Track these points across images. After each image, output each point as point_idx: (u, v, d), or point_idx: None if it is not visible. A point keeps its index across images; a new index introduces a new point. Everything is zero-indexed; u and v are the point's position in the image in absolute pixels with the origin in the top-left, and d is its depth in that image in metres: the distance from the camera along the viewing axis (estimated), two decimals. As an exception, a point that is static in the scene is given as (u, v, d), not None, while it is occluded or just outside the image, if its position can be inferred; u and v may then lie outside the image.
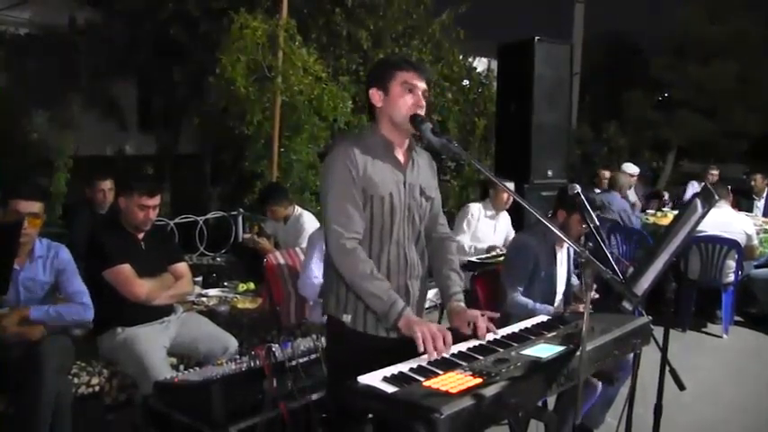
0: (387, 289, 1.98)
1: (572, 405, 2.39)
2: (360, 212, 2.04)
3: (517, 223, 5.40)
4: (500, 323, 2.20)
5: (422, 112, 2.07)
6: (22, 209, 2.84)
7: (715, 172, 7.74)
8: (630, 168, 7.89)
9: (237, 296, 4.37)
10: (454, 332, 2.00)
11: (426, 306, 2.44)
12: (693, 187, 7.93)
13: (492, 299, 3.65)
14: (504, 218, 5.22)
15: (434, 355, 1.85)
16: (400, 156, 2.15)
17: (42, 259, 3.00)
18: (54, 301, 3.02)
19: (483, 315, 2.07)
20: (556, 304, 3.31)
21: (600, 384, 2.95)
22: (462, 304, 2.17)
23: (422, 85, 2.09)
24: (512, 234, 5.26)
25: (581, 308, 3.05)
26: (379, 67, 2.21)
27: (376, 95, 2.10)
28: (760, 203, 7.07)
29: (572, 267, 3.47)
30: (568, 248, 3.40)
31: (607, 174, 7.45)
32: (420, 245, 2.23)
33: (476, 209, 5.03)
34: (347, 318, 2.11)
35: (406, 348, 1.95)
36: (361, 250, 2.03)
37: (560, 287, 3.36)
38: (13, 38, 9.06)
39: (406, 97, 2.06)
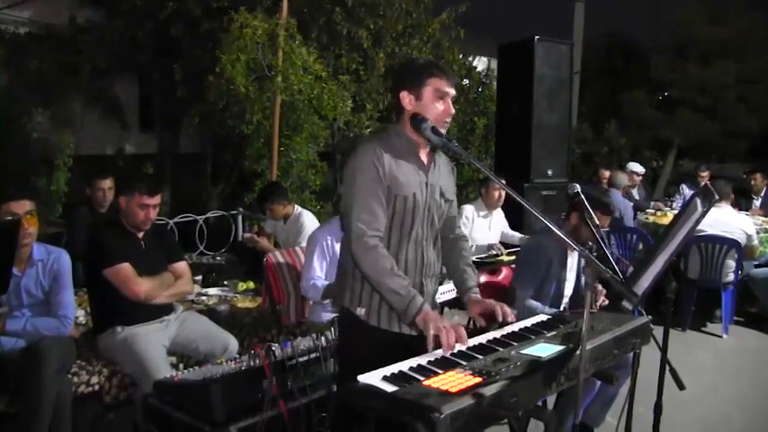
0: (406, 285, 2.01)
1: (571, 404, 2.40)
2: (383, 211, 2.08)
3: (516, 222, 5.40)
4: (504, 325, 2.21)
5: (449, 119, 2.12)
6: (14, 210, 2.83)
7: (705, 173, 7.70)
8: (636, 168, 7.90)
9: (237, 295, 4.37)
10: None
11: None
12: (684, 191, 7.87)
13: (492, 297, 3.64)
14: (498, 215, 5.23)
15: (447, 349, 1.89)
16: (424, 157, 2.18)
17: (42, 263, 2.99)
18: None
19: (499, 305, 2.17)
20: (562, 308, 3.30)
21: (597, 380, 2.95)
22: (479, 296, 2.26)
23: (452, 91, 2.11)
24: (507, 230, 5.28)
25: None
26: (411, 69, 2.18)
27: (407, 98, 2.12)
28: (757, 203, 7.06)
29: (581, 271, 3.45)
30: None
31: (607, 173, 7.47)
32: (437, 245, 2.28)
33: (469, 211, 5.04)
34: (361, 311, 2.14)
35: (419, 344, 1.99)
36: (382, 247, 2.06)
37: (568, 291, 3.35)
38: (13, 37, 9.05)
39: (438, 104, 2.09)
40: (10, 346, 2.79)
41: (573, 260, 3.36)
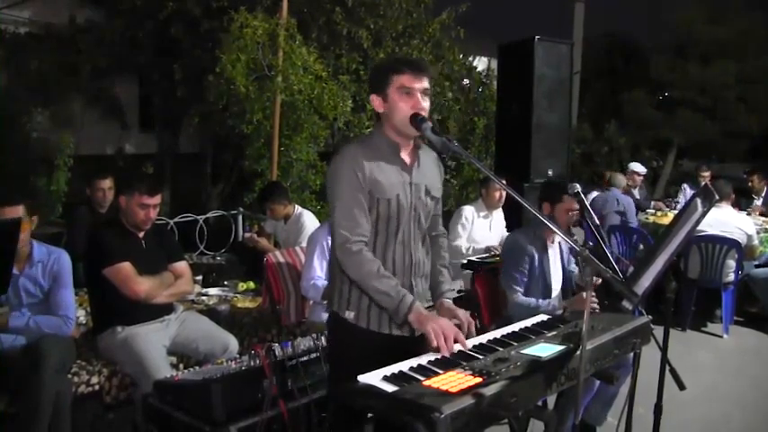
0: (394, 285, 2.00)
1: (572, 404, 2.40)
2: (366, 216, 2.06)
3: (515, 221, 5.39)
4: (503, 325, 2.21)
5: (423, 112, 2.06)
6: (8, 215, 2.81)
7: (706, 173, 7.72)
8: (637, 168, 7.92)
9: (237, 295, 4.37)
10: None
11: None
12: (686, 192, 7.90)
13: (492, 298, 3.66)
14: (499, 216, 5.22)
15: (445, 351, 1.87)
16: (406, 156, 2.16)
17: (42, 264, 2.99)
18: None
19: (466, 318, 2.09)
20: (553, 297, 3.32)
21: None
22: (451, 302, 2.22)
23: (420, 84, 2.06)
24: (505, 232, 5.26)
25: (584, 295, 3.05)
26: (376, 72, 2.19)
27: (376, 101, 2.11)
28: (758, 202, 7.08)
29: (566, 258, 3.47)
30: (560, 242, 3.41)
31: (608, 175, 7.49)
32: (425, 244, 2.26)
33: (469, 211, 5.03)
34: (350, 315, 2.13)
35: (410, 345, 2.00)
36: (367, 250, 2.05)
37: (555, 281, 3.37)
38: (13, 37, 9.05)
39: (403, 102, 2.06)
40: (9, 343, 2.78)
41: (554, 249, 3.38)
